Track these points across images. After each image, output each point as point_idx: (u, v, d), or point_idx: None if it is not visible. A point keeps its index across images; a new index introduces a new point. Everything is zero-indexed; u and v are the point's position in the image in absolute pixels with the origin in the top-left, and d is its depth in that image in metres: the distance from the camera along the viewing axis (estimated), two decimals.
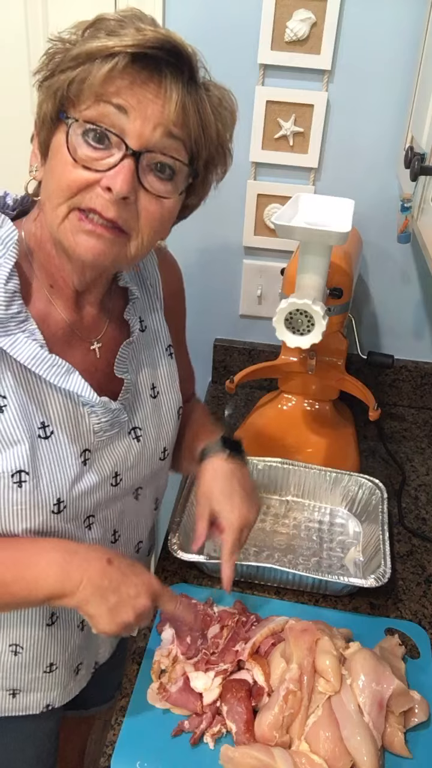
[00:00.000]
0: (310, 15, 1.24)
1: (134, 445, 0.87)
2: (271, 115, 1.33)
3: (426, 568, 1.12)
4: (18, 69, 1.32)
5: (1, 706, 0.93)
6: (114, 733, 0.82)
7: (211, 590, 1.02)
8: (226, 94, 0.75)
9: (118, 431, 0.84)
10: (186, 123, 0.70)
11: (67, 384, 0.76)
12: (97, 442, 0.82)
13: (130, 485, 0.88)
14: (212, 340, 1.60)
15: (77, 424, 0.79)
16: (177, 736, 0.82)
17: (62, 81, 0.67)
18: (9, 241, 0.73)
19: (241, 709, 0.82)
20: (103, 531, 0.87)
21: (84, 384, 0.77)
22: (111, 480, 0.85)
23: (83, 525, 0.83)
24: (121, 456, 0.85)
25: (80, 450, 0.80)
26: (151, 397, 0.90)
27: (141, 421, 0.88)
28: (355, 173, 1.38)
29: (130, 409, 0.86)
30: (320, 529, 1.18)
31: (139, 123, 0.67)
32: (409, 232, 1.19)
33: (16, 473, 0.73)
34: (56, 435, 0.77)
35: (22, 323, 0.73)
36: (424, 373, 1.55)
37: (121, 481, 0.86)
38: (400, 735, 0.81)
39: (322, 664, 0.84)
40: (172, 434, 0.94)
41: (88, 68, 0.66)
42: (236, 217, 1.44)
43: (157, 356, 0.92)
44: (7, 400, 0.73)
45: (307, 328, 1.04)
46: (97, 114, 0.67)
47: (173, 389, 0.94)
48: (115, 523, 0.89)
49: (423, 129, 1.03)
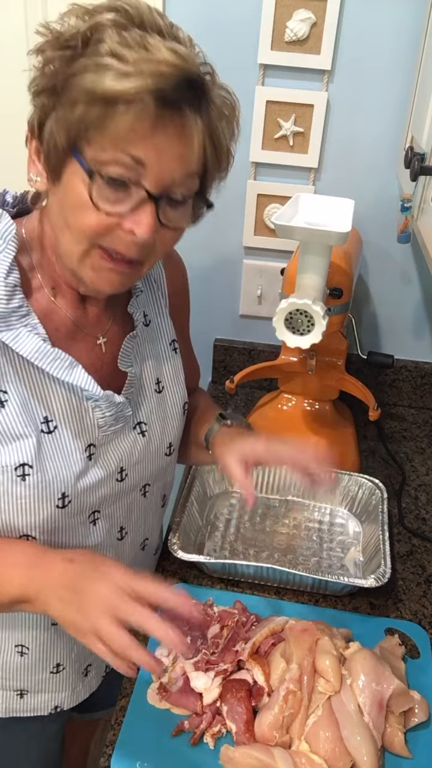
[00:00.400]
0: (310, 15, 1.24)
1: (139, 440, 0.86)
2: (271, 115, 1.33)
3: (426, 568, 1.12)
4: (18, 69, 1.32)
5: (8, 706, 0.93)
6: (114, 733, 0.82)
7: (211, 590, 1.02)
8: (229, 100, 0.72)
9: (122, 426, 0.84)
10: (203, 159, 0.70)
11: (71, 377, 0.76)
12: (102, 437, 0.82)
13: (135, 481, 0.88)
14: (212, 340, 1.60)
15: (81, 418, 0.79)
16: (177, 736, 0.82)
17: (76, 118, 0.64)
18: (7, 234, 0.73)
19: (241, 709, 0.82)
20: (109, 527, 0.87)
21: (87, 377, 0.77)
22: (116, 475, 0.84)
23: (88, 520, 0.83)
24: (127, 451, 0.85)
25: (85, 444, 0.80)
26: (155, 392, 0.90)
27: (146, 416, 0.88)
28: (355, 173, 1.38)
29: (134, 403, 0.86)
30: (320, 529, 1.18)
31: (156, 173, 0.66)
32: (409, 232, 1.19)
33: (19, 467, 0.73)
34: (60, 429, 0.77)
35: (24, 317, 0.73)
36: (424, 373, 1.55)
37: (126, 476, 0.86)
38: (400, 735, 0.81)
39: (322, 664, 0.84)
40: (177, 429, 0.94)
41: (106, 113, 0.63)
42: (236, 217, 1.44)
43: (161, 351, 0.92)
44: (8, 395, 0.73)
45: (307, 328, 1.04)
46: (115, 161, 0.65)
47: (178, 384, 0.93)
48: (122, 519, 0.89)
49: (423, 129, 1.03)
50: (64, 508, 0.78)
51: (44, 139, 0.68)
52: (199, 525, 1.15)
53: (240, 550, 1.11)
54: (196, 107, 0.66)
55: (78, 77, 0.63)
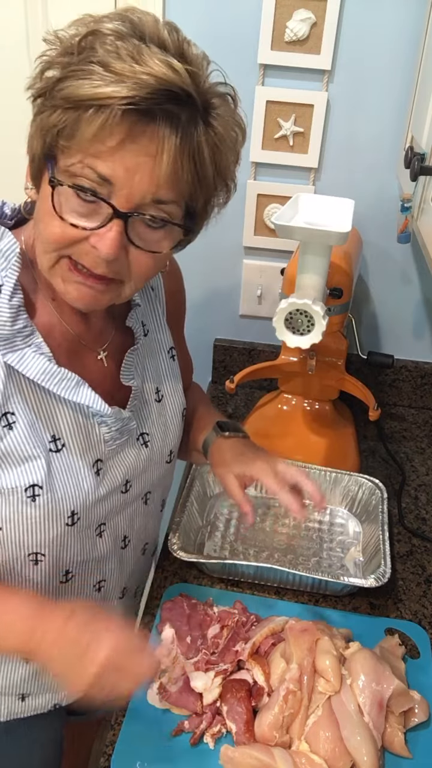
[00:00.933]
0: (310, 15, 1.24)
1: (143, 450, 0.87)
2: (271, 115, 1.33)
3: (426, 568, 1.12)
4: (18, 70, 1.31)
5: (10, 710, 0.92)
6: (114, 733, 0.82)
7: (211, 590, 1.02)
8: (231, 122, 0.68)
9: (127, 438, 0.84)
10: (178, 183, 0.66)
11: (78, 397, 0.75)
12: (108, 452, 0.81)
13: (139, 490, 0.88)
14: (212, 340, 1.60)
15: (88, 434, 0.79)
16: (177, 736, 0.82)
17: (51, 124, 0.63)
18: (11, 254, 0.72)
19: (241, 709, 0.82)
20: (114, 537, 0.87)
21: (95, 396, 0.77)
22: (122, 488, 0.85)
23: (95, 533, 0.83)
24: (132, 463, 0.85)
25: (92, 460, 0.79)
26: (156, 401, 0.90)
27: (148, 426, 0.88)
28: (355, 173, 1.38)
29: (138, 415, 0.86)
30: (320, 529, 1.17)
31: (125, 192, 0.63)
32: (409, 232, 1.19)
33: (29, 488, 0.73)
34: (68, 448, 0.77)
35: (28, 337, 0.72)
36: (424, 373, 1.55)
37: (131, 487, 0.86)
38: (400, 735, 0.81)
39: (322, 664, 0.84)
40: (177, 436, 0.94)
41: (77, 118, 0.61)
42: (236, 217, 1.44)
43: (160, 360, 0.92)
44: (15, 416, 0.72)
45: (307, 328, 1.04)
46: (83, 173, 0.63)
47: (177, 391, 0.94)
48: (125, 529, 0.89)
49: (423, 129, 1.03)
50: (74, 525, 0.78)
51: (29, 146, 0.67)
52: (199, 525, 1.15)
53: (240, 550, 1.12)
54: (174, 123, 0.62)
55: (63, 83, 0.62)
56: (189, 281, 1.02)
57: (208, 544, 1.12)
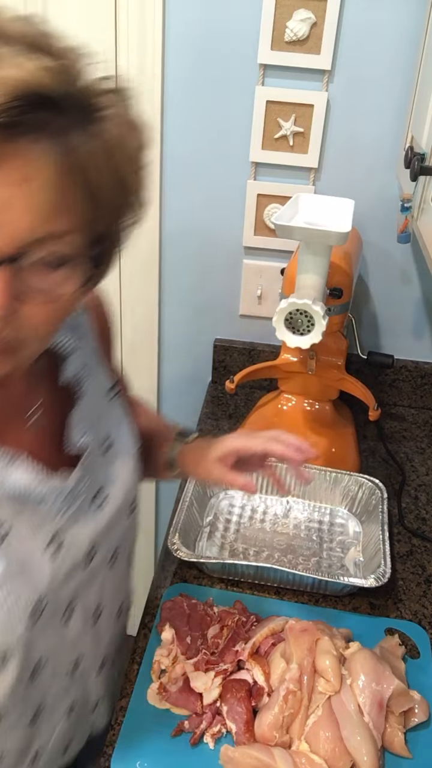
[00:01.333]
0: (310, 15, 1.24)
1: (103, 507, 0.76)
2: (271, 115, 1.33)
3: (426, 568, 1.12)
4: None
5: None
6: (114, 733, 0.82)
7: (211, 590, 1.02)
8: (124, 122, 0.55)
9: (82, 500, 0.72)
10: (68, 209, 0.52)
11: (12, 479, 0.64)
12: (65, 521, 0.70)
13: (104, 554, 0.78)
14: (212, 340, 1.60)
15: (34, 510, 0.67)
16: (177, 736, 0.82)
17: None
18: None
19: (241, 709, 0.82)
20: (84, 616, 0.77)
21: (31, 475, 0.66)
22: (87, 558, 0.74)
23: (64, 619, 0.73)
24: (94, 526, 0.74)
25: (48, 538, 0.68)
26: (106, 451, 0.79)
27: (102, 480, 0.77)
28: (355, 173, 1.38)
29: (90, 472, 0.74)
30: (320, 529, 1.18)
31: (4, 228, 0.49)
32: (409, 232, 1.19)
33: None
34: (15, 531, 0.65)
35: None
36: (424, 373, 1.55)
37: (96, 553, 0.75)
38: (400, 735, 0.82)
39: (322, 664, 0.84)
40: (135, 482, 0.83)
41: None
42: (236, 217, 1.44)
43: (103, 406, 0.80)
44: None
45: (307, 328, 1.04)
46: None
47: (126, 433, 0.83)
48: (96, 600, 0.79)
49: (423, 129, 1.03)
50: (41, 617, 0.67)
51: None
52: (199, 525, 1.15)
53: (240, 550, 1.12)
54: (45, 135, 0.49)
55: None
56: (189, 281, 1.02)
57: (208, 544, 1.12)
